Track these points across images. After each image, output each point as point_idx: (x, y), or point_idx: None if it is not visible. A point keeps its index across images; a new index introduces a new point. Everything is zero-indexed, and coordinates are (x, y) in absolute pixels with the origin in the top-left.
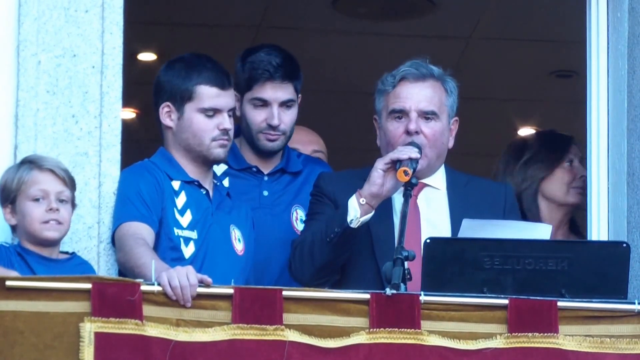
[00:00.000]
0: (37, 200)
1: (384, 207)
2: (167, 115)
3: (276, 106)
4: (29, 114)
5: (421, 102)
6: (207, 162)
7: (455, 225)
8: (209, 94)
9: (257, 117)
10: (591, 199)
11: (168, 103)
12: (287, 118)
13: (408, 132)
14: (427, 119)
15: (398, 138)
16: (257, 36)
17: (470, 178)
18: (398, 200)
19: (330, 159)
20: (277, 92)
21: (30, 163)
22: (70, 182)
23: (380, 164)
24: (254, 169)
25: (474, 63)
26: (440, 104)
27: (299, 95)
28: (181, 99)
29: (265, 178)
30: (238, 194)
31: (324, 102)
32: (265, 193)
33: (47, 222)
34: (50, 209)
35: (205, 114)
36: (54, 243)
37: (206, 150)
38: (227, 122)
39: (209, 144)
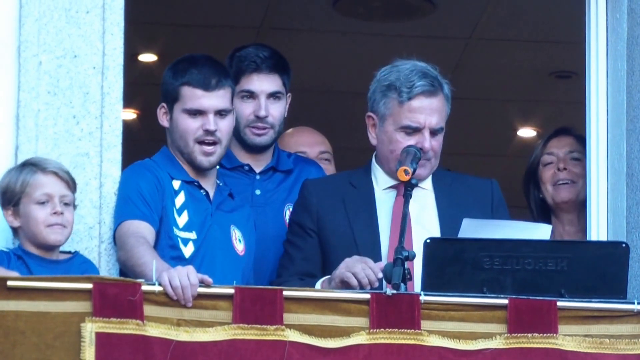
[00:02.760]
0: (42, 203)
1: (367, 209)
2: (163, 116)
3: (263, 98)
4: (30, 114)
5: (433, 119)
6: (194, 167)
7: (444, 223)
8: (191, 95)
9: (244, 109)
10: (591, 199)
11: (163, 104)
12: (275, 111)
13: (420, 149)
14: (435, 133)
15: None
16: (258, 37)
17: (456, 176)
18: (380, 201)
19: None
20: (263, 83)
21: (33, 166)
22: (72, 185)
23: (336, 280)
24: (246, 168)
25: (474, 64)
26: (445, 116)
27: (289, 94)
28: (172, 100)
29: (257, 177)
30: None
31: (323, 103)
32: (258, 192)
33: (51, 225)
34: (55, 213)
35: (189, 115)
36: (57, 246)
37: (191, 153)
38: (211, 124)
39: (192, 146)
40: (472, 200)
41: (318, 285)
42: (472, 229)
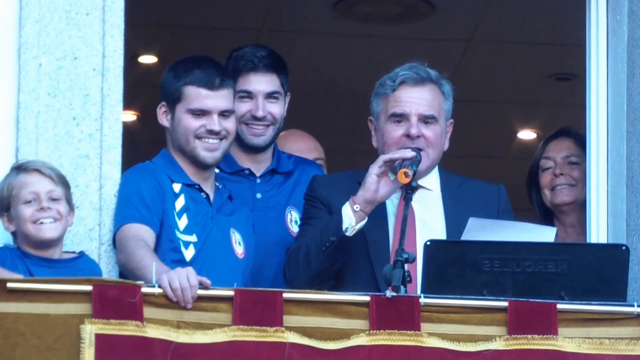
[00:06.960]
0: (28, 202)
1: (377, 210)
2: (163, 115)
3: (261, 98)
4: (30, 116)
5: (421, 107)
6: (197, 165)
7: (450, 226)
8: (196, 95)
9: (241, 108)
10: (590, 202)
11: (164, 103)
12: (273, 110)
13: (409, 136)
14: (427, 122)
15: (397, 141)
16: (259, 39)
17: (464, 179)
18: (391, 202)
19: (331, 162)
20: (261, 83)
21: (17, 168)
22: (60, 180)
23: (374, 169)
24: (246, 172)
25: (474, 66)
26: (439, 107)
27: (288, 93)
28: (173, 99)
29: (258, 180)
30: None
31: (323, 105)
32: (259, 195)
33: (37, 221)
34: (41, 209)
35: (193, 115)
36: (52, 243)
37: (193, 150)
38: (215, 124)
39: (193, 142)
40: (479, 204)
41: (347, 206)
42: (477, 228)
